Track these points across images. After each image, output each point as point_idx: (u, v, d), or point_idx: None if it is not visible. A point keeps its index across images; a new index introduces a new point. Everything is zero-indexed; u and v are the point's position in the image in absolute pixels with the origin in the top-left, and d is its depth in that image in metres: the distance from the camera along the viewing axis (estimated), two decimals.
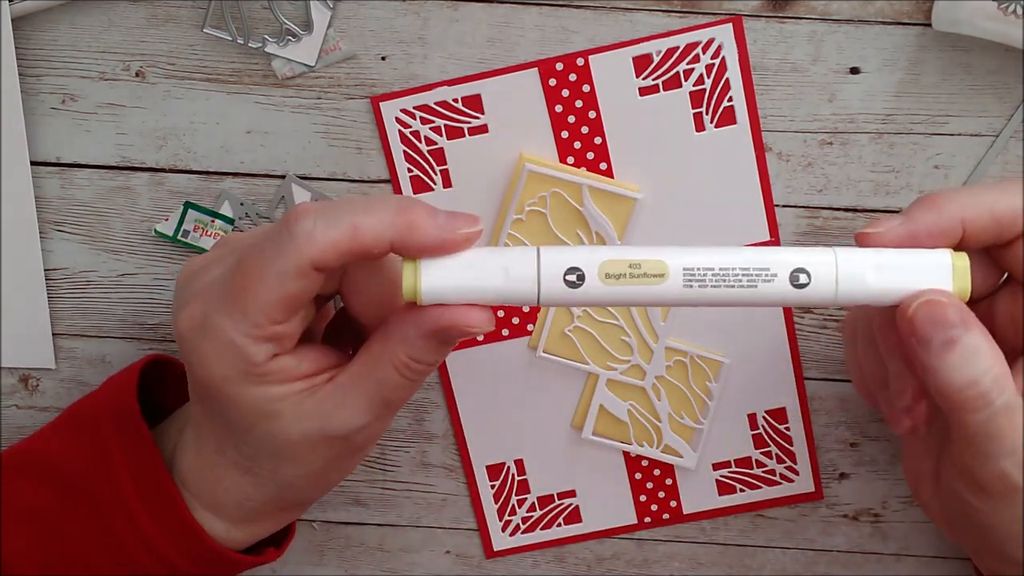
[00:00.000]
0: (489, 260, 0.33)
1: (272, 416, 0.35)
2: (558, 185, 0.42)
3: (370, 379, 0.35)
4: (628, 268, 0.33)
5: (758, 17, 0.41)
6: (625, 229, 0.43)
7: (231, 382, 0.34)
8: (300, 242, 0.32)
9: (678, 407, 0.45)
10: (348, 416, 0.35)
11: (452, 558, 0.48)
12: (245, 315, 0.33)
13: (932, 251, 0.34)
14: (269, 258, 0.33)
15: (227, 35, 0.42)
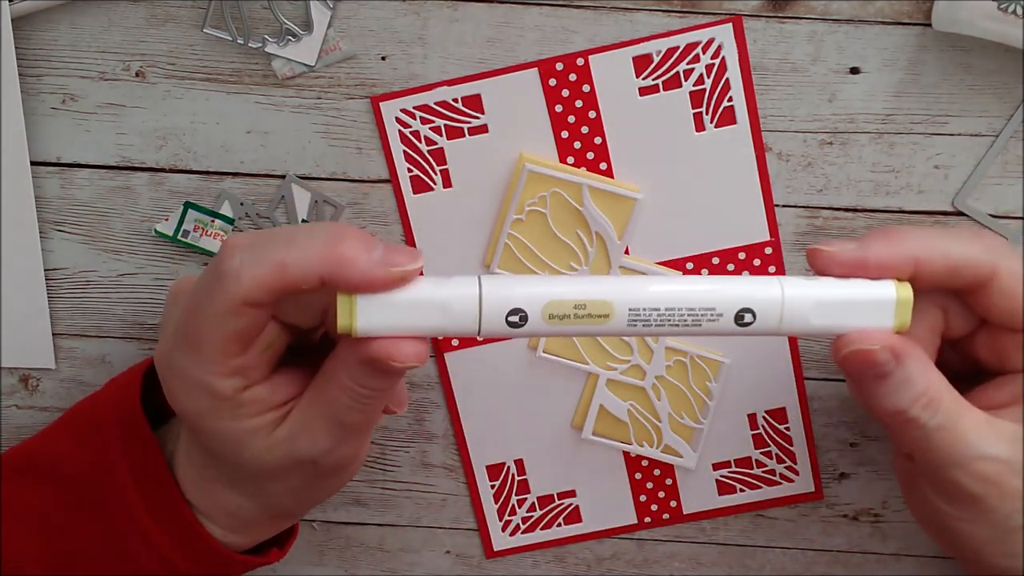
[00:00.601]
0: (428, 298, 0.32)
1: (246, 446, 0.35)
2: (558, 185, 0.42)
3: (322, 402, 0.35)
4: (572, 309, 0.33)
5: (758, 17, 0.41)
6: (625, 229, 0.43)
7: (204, 416, 0.34)
8: (228, 282, 0.31)
9: (678, 407, 0.45)
10: (310, 441, 0.35)
11: (452, 558, 0.48)
12: (200, 354, 0.33)
13: (877, 283, 0.34)
14: (204, 299, 0.32)
15: (227, 35, 0.42)
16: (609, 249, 0.43)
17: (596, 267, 0.43)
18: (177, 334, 0.33)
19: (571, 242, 0.43)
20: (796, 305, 0.33)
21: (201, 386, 0.33)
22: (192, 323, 0.33)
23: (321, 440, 0.35)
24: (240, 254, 0.32)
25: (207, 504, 0.38)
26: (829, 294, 0.34)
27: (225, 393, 0.33)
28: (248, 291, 0.31)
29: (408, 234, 0.44)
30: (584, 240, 0.43)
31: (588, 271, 0.43)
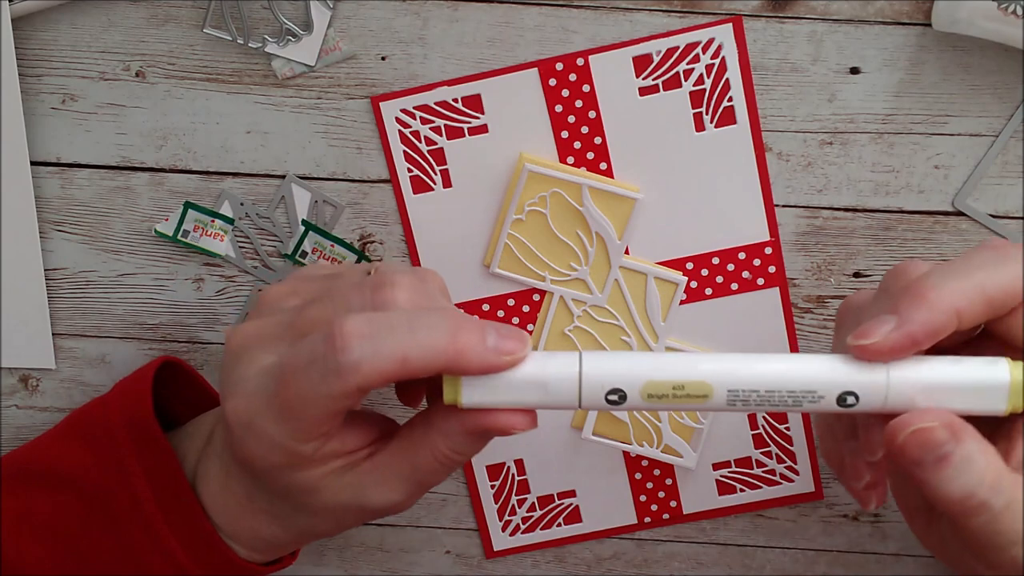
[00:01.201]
0: (532, 377, 0.33)
1: (312, 492, 0.35)
2: (558, 185, 0.42)
3: (407, 462, 0.35)
4: (671, 390, 0.33)
5: (758, 17, 0.41)
6: (625, 229, 0.43)
7: (275, 470, 0.34)
8: (346, 373, 0.31)
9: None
10: (384, 494, 0.36)
11: (452, 558, 0.48)
12: (294, 424, 0.33)
13: (986, 363, 0.32)
14: (316, 382, 0.32)
15: (227, 35, 0.42)
16: (609, 249, 0.43)
17: (596, 267, 0.43)
18: (270, 402, 0.33)
19: (571, 242, 0.43)
20: (902, 389, 0.32)
21: (283, 448, 0.33)
22: (295, 399, 0.32)
23: (395, 495, 0.36)
24: (360, 346, 0.31)
25: (237, 529, 0.38)
26: (937, 376, 0.32)
27: (306, 453, 0.34)
28: (367, 381, 0.32)
29: (408, 234, 0.44)
30: (584, 240, 0.43)
31: (588, 271, 0.43)
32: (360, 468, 0.35)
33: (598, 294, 0.44)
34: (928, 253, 0.43)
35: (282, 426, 0.33)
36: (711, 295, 0.44)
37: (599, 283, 0.44)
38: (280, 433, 0.33)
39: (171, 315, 0.46)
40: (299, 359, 0.32)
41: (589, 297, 0.44)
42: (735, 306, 0.44)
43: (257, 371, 0.34)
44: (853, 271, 0.44)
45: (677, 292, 0.44)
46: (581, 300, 0.44)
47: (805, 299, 0.44)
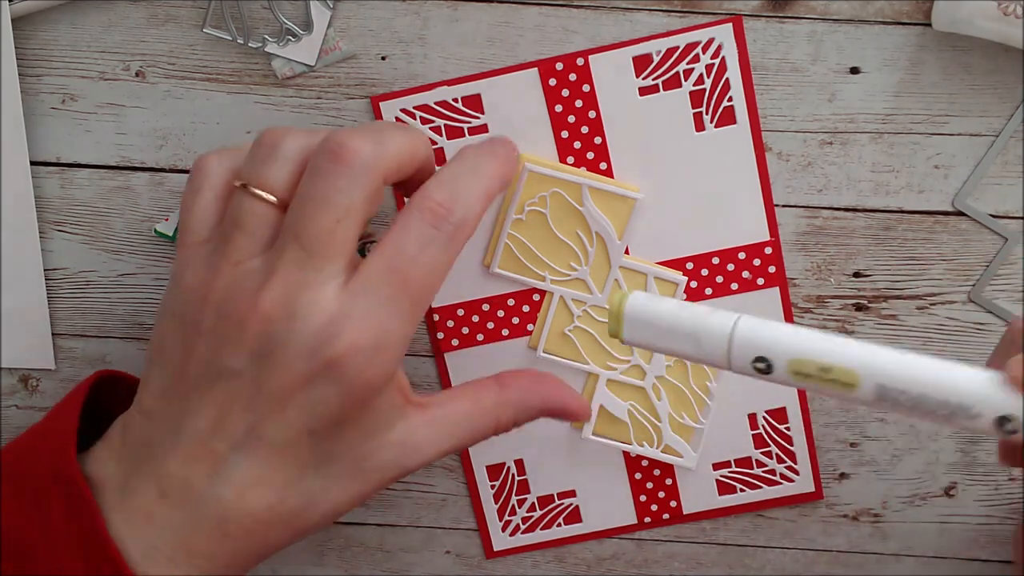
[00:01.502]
0: (687, 328, 0.33)
1: (375, 432, 0.36)
2: (558, 185, 0.42)
3: (466, 426, 0.37)
4: (818, 371, 0.32)
5: (758, 17, 0.41)
6: (625, 229, 0.43)
7: (372, 395, 0.35)
8: (460, 231, 0.36)
9: (678, 407, 0.45)
10: (429, 450, 0.37)
11: (452, 558, 0.48)
12: (420, 310, 0.35)
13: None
14: (435, 257, 0.36)
15: (227, 35, 0.42)
16: (609, 249, 0.43)
17: (596, 267, 0.43)
18: (394, 298, 0.35)
19: (571, 242, 0.43)
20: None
21: (403, 346, 0.35)
22: (414, 280, 0.35)
23: (434, 453, 0.37)
24: (462, 207, 0.36)
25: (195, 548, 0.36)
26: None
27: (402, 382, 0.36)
28: (470, 230, 0.36)
29: None
30: (584, 240, 0.43)
31: (588, 271, 0.43)
32: (412, 420, 0.37)
33: (598, 294, 0.44)
34: (928, 253, 0.43)
35: (412, 313, 0.35)
36: (711, 295, 0.44)
37: (599, 283, 0.44)
38: (407, 324, 0.35)
39: None
40: (413, 244, 0.35)
41: (589, 297, 0.44)
42: (735, 306, 0.44)
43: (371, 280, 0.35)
44: (853, 271, 0.44)
45: (677, 292, 0.44)
46: (581, 300, 0.44)
47: (805, 299, 0.44)
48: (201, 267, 0.36)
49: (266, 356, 0.34)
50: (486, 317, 0.44)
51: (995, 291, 0.44)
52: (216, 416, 0.35)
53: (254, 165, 0.36)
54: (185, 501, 0.35)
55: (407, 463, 0.37)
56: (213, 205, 0.37)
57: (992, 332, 0.44)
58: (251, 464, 0.35)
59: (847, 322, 0.44)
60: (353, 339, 0.34)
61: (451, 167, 0.37)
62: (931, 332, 0.44)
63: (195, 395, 0.35)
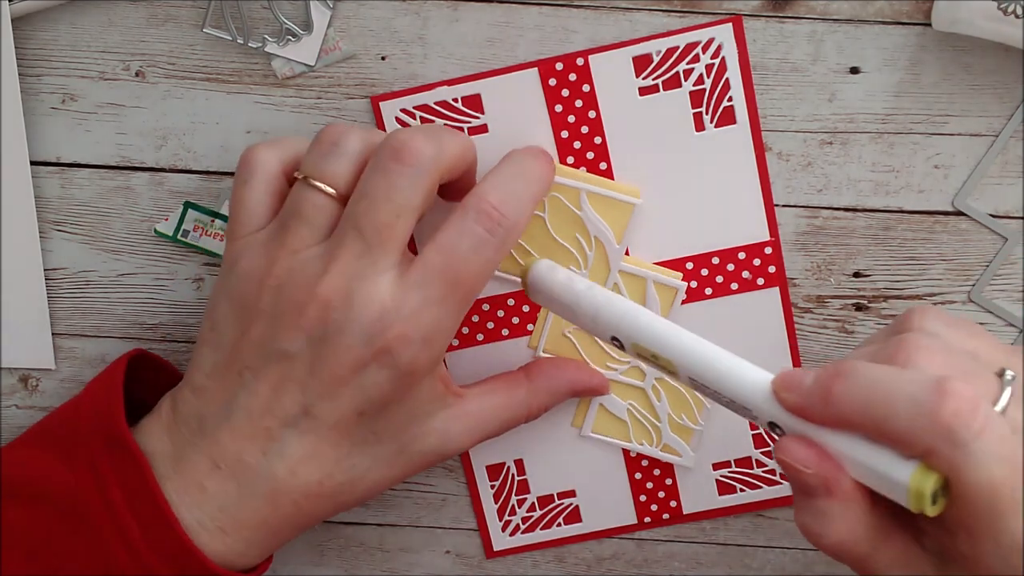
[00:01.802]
0: (567, 298, 0.38)
1: (429, 416, 0.39)
2: (556, 189, 0.42)
3: (500, 414, 0.41)
4: (651, 355, 0.36)
5: (758, 17, 0.41)
6: (624, 233, 0.43)
7: (420, 378, 0.37)
8: (512, 234, 0.38)
9: (677, 408, 0.45)
10: (463, 440, 0.40)
11: (452, 558, 0.48)
12: (466, 304, 0.38)
13: (900, 460, 0.31)
14: (481, 251, 0.37)
15: (227, 35, 0.42)
16: (608, 253, 0.43)
17: (595, 270, 0.43)
18: (444, 286, 0.37)
19: (570, 246, 0.43)
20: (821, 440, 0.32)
21: (449, 335, 0.38)
22: (463, 271, 0.37)
23: (468, 442, 0.40)
24: (515, 208, 0.38)
25: (225, 521, 0.38)
26: (852, 452, 0.31)
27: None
28: (519, 232, 0.39)
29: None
30: (583, 244, 0.43)
31: (588, 274, 0.43)
32: (452, 410, 0.39)
33: None
34: (928, 253, 0.43)
35: (459, 310, 0.37)
36: (711, 295, 0.44)
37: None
38: (454, 319, 0.37)
39: (171, 315, 0.46)
40: (466, 245, 0.37)
41: None
42: (735, 306, 0.44)
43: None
44: (853, 271, 0.44)
45: (677, 297, 0.44)
46: None
47: (805, 299, 0.44)
48: (258, 254, 0.37)
49: (323, 341, 0.36)
50: (486, 317, 0.44)
51: (995, 291, 0.44)
52: (270, 395, 0.37)
53: (316, 159, 0.38)
54: (239, 474, 0.37)
55: (445, 450, 0.40)
56: (265, 197, 0.39)
57: (992, 332, 0.44)
58: (303, 442, 0.37)
59: (847, 322, 0.44)
60: (405, 330, 0.36)
61: (502, 171, 0.39)
62: None
63: (249, 374, 0.37)
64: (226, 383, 0.38)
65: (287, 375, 0.37)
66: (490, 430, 0.41)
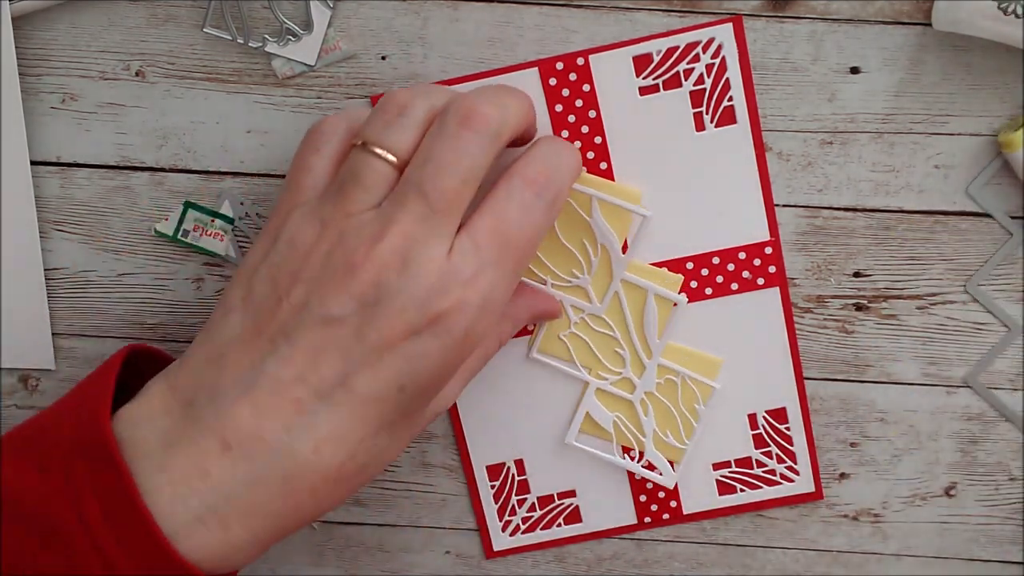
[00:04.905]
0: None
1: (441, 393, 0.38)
2: (569, 193, 0.42)
3: (478, 355, 0.40)
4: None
5: (758, 17, 0.41)
6: (630, 242, 0.43)
7: (471, 349, 0.36)
8: (559, 203, 0.39)
9: (664, 425, 0.45)
10: (454, 391, 0.39)
11: (452, 558, 0.48)
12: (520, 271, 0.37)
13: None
14: (537, 221, 0.37)
15: (227, 35, 0.42)
16: (612, 261, 0.43)
17: (598, 277, 0.43)
18: (501, 259, 0.36)
19: (576, 250, 0.43)
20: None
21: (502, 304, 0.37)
22: (519, 244, 0.37)
23: (458, 390, 0.40)
24: (563, 178, 0.39)
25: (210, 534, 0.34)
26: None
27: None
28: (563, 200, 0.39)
29: None
30: (589, 249, 0.43)
31: (590, 280, 0.43)
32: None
33: (597, 304, 0.44)
34: (928, 253, 0.43)
35: (513, 276, 0.36)
36: (711, 295, 0.44)
37: (599, 293, 0.43)
38: (508, 286, 0.36)
39: (171, 315, 0.46)
40: (516, 209, 0.36)
41: (588, 306, 0.44)
42: (735, 306, 0.44)
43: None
44: (853, 271, 0.44)
45: (676, 311, 0.44)
46: (580, 307, 0.44)
47: (805, 299, 0.44)
48: (308, 219, 0.36)
49: (374, 304, 0.34)
50: None
51: (994, 290, 0.44)
52: (305, 363, 0.34)
53: (380, 127, 0.36)
54: (253, 455, 0.33)
55: (439, 410, 0.39)
56: (329, 166, 0.37)
57: (992, 332, 0.44)
58: (333, 417, 0.34)
59: (847, 322, 0.44)
60: (463, 295, 0.34)
61: (541, 147, 0.39)
62: (931, 332, 0.44)
63: (282, 340, 0.34)
64: (252, 350, 0.34)
65: (329, 341, 0.34)
66: (474, 372, 0.40)
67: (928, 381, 0.45)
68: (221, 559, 0.34)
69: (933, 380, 0.45)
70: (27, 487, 0.34)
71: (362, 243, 0.34)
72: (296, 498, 0.34)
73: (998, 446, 0.45)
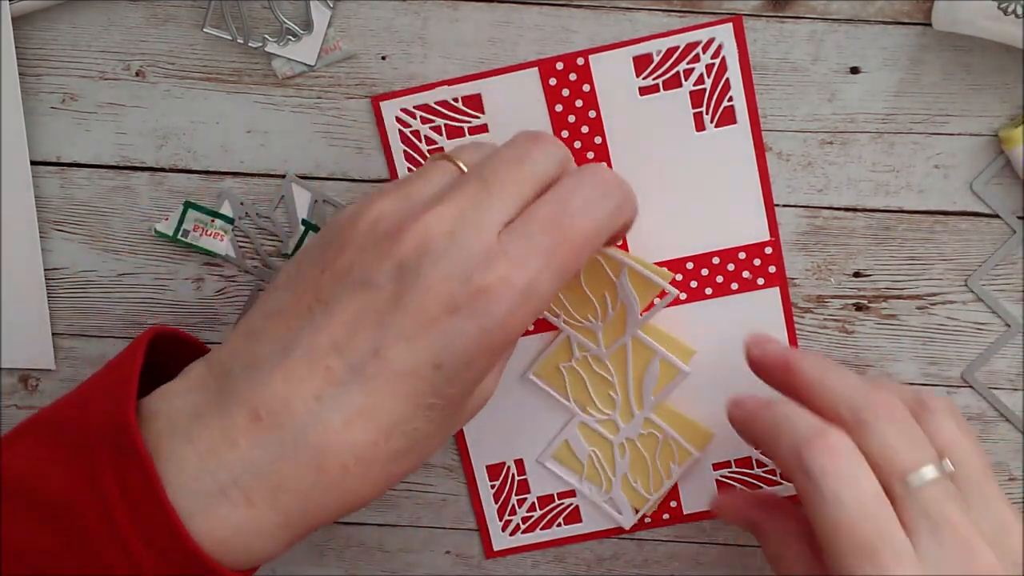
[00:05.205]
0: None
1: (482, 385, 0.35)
2: (599, 254, 0.41)
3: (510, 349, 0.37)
4: None
5: (758, 17, 0.41)
6: (650, 311, 0.43)
7: (507, 348, 0.35)
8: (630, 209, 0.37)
9: (635, 472, 0.45)
10: (494, 382, 0.37)
11: (452, 558, 0.48)
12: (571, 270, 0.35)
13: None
14: (600, 216, 0.35)
15: (227, 35, 0.42)
16: (628, 320, 0.43)
17: (611, 328, 0.43)
18: (550, 258, 0.34)
19: (596, 300, 0.43)
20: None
21: (547, 300, 0.34)
22: (576, 239, 0.35)
23: (496, 381, 0.37)
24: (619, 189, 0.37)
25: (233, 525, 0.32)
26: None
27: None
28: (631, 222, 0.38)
29: None
30: (609, 303, 0.43)
31: (602, 327, 0.43)
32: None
33: (603, 349, 0.44)
34: (928, 253, 0.43)
35: (561, 272, 0.34)
36: (711, 295, 0.44)
37: (608, 341, 0.43)
38: (555, 280, 0.34)
39: (171, 315, 0.46)
40: (579, 202, 0.35)
41: (594, 348, 0.44)
42: (735, 306, 0.44)
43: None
44: (853, 271, 0.44)
45: (677, 379, 0.44)
46: (585, 347, 0.44)
47: (805, 299, 0.44)
48: (362, 203, 0.35)
49: (414, 271, 0.32)
50: None
51: (994, 289, 0.44)
52: (340, 332, 0.32)
53: (468, 150, 0.37)
54: (282, 423, 0.32)
55: (479, 404, 0.36)
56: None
57: (992, 332, 0.44)
58: (366, 390, 0.32)
59: (847, 322, 0.44)
60: (507, 274, 0.32)
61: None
62: (931, 332, 0.44)
63: (320, 307, 0.33)
64: (291, 320, 0.33)
65: (366, 308, 0.32)
66: (505, 363, 0.38)
67: (928, 381, 0.45)
68: (244, 546, 0.32)
69: (933, 380, 0.45)
70: (51, 478, 0.33)
71: (412, 212, 0.33)
72: (325, 476, 0.32)
73: (998, 446, 0.45)
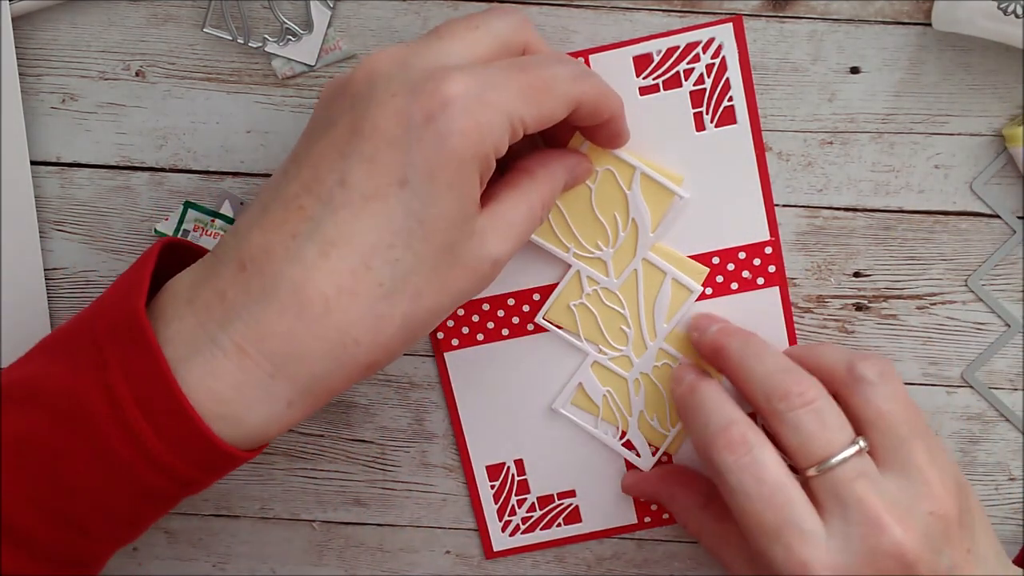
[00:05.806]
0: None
1: (471, 217, 0.34)
2: (612, 163, 0.42)
3: (524, 205, 0.37)
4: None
5: (758, 17, 0.41)
6: (660, 222, 0.43)
7: (475, 163, 0.33)
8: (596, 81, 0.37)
9: (651, 408, 0.45)
10: (501, 244, 0.35)
11: (452, 558, 0.48)
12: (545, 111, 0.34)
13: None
14: (561, 81, 0.35)
15: (227, 35, 0.42)
16: (639, 238, 0.43)
17: (621, 252, 0.43)
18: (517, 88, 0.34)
19: (606, 222, 0.43)
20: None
21: (503, 127, 0.34)
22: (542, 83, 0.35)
23: (508, 244, 0.36)
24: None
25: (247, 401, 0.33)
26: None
27: (503, 147, 0.34)
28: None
29: None
30: (619, 223, 0.43)
31: (612, 253, 0.43)
32: (488, 216, 0.35)
33: (613, 279, 0.44)
34: (928, 253, 0.43)
35: (527, 103, 0.34)
36: (711, 295, 0.44)
37: (618, 268, 0.43)
38: (514, 101, 0.33)
39: None
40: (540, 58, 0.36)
41: (604, 279, 0.44)
42: (735, 306, 0.44)
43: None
44: (853, 271, 0.44)
45: (689, 299, 0.44)
46: (595, 279, 0.44)
47: (805, 299, 0.44)
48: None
49: (365, 97, 0.33)
50: (486, 317, 0.44)
51: (994, 289, 0.44)
52: (310, 173, 0.33)
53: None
54: (262, 269, 0.33)
55: (488, 256, 0.35)
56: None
57: (992, 332, 0.44)
58: (337, 219, 0.32)
59: (847, 322, 0.44)
60: (459, 82, 0.32)
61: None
62: (931, 332, 0.44)
63: (294, 164, 0.34)
64: (272, 185, 0.35)
65: (329, 146, 0.33)
66: (523, 238, 0.36)
67: (928, 381, 0.45)
68: (246, 406, 0.33)
69: (933, 380, 0.45)
70: (52, 375, 0.34)
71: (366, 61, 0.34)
72: (308, 311, 0.32)
73: (998, 446, 0.45)
